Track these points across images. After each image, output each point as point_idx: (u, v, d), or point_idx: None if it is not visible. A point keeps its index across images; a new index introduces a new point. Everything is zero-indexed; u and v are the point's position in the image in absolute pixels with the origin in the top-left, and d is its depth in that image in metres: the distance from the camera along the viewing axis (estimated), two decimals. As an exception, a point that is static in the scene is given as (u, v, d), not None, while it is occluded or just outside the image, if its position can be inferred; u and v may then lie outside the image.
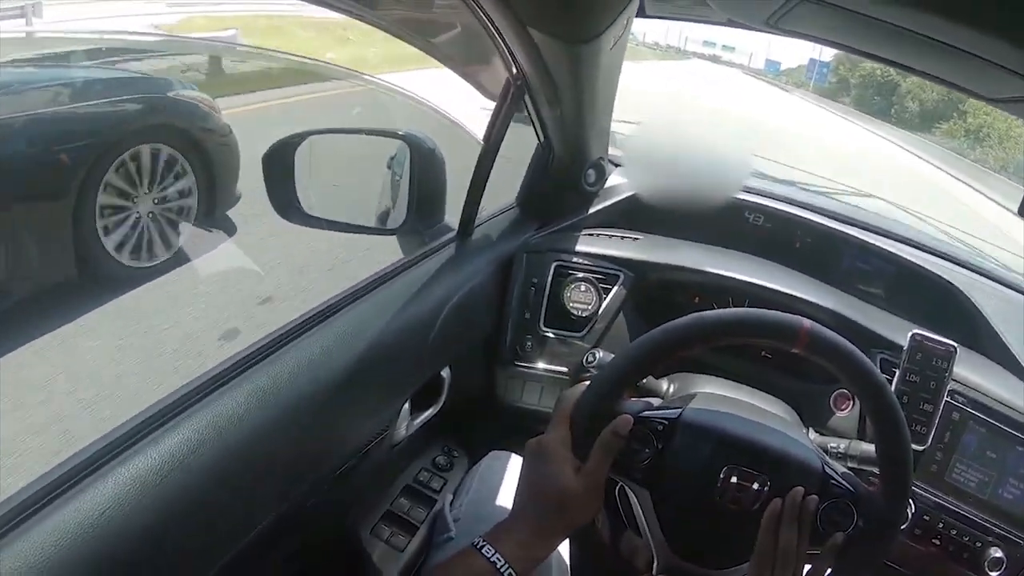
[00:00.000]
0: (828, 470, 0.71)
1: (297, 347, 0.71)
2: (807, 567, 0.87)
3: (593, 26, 0.79)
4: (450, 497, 0.97)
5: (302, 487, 0.72)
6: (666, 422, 0.71)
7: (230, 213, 2.48)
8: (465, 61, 0.98)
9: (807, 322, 0.67)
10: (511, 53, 0.86)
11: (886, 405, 0.68)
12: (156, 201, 2.20)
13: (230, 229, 2.52)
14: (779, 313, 0.69)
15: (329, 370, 0.73)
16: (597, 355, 0.94)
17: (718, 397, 0.89)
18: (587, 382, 0.72)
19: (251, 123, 3.01)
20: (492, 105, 0.95)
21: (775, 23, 0.72)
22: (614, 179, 1.25)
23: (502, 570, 0.64)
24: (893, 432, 0.68)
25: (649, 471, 0.70)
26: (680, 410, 0.73)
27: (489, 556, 0.64)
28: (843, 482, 0.71)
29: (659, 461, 0.70)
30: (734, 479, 0.69)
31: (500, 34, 0.82)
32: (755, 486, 0.69)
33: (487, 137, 0.95)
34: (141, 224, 2.15)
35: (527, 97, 0.94)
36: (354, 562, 0.95)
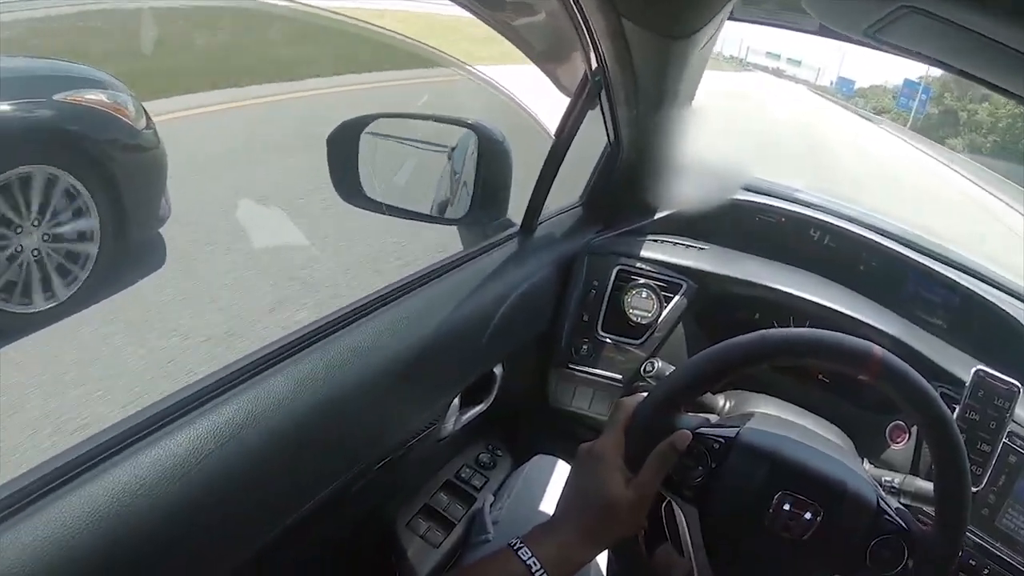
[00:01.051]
0: (882, 504, 0.69)
1: (349, 334, 0.70)
2: None
3: (693, 21, 0.76)
4: (491, 498, 0.95)
5: (344, 475, 0.71)
6: (723, 440, 0.69)
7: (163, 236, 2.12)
8: (545, 50, 0.95)
9: (878, 349, 0.64)
10: (595, 45, 0.83)
11: (950, 442, 0.65)
12: (46, 238, 1.78)
13: (149, 264, 2.10)
14: (850, 337, 0.66)
15: (380, 360, 0.71)
16: (656, 364, 0.92)
17: (775, 419, 0.86)
18: (645, 392, 0.70)
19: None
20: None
21: (874, 34, 0.69)
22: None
23: (537, 574, 0.62)
24: (954, 470, 0.66)
25: (700, 489, 0.68)
26: (738, 429, 0.70)
27: (525, 559, 0.62)
28: (897, 519, 0.68)
29: (711, 480, 0.68)
30: (787, 506, 0.67)
31: (587, 23, 0.80)
32: (808, 515, 0.66)
33: (559, 132, 0.93)
34: (21, 260, 1.75)
35: (603, 93, 0.92)
36: (388, 553, 0.94)
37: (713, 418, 0.77)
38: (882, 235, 1.16)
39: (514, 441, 1.11)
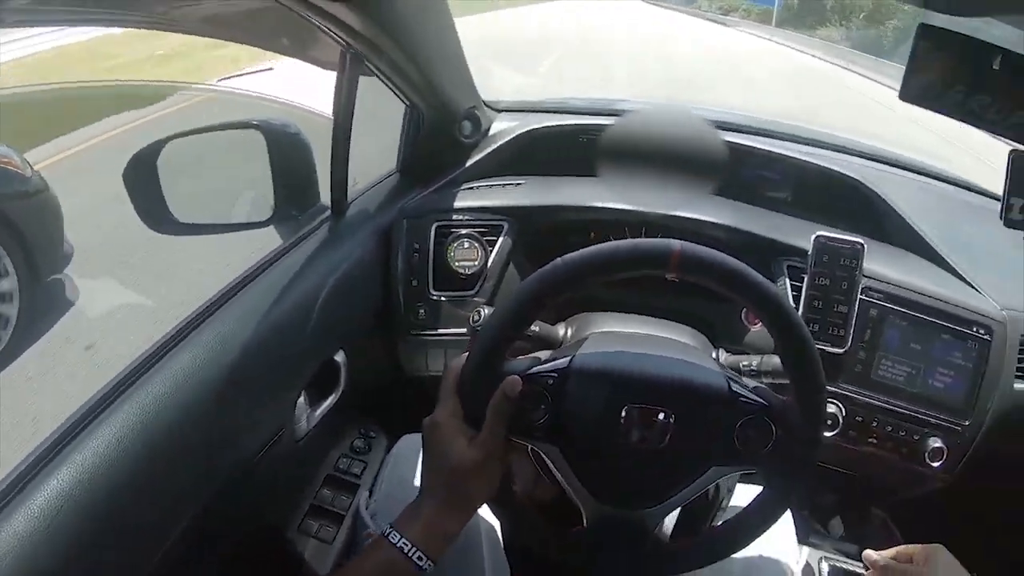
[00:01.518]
0: (736, 388, 0.68)
1: (162, 369, 0.69)
2: (745, 490, 0.85)
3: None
4: (366, 494, 0.95)
5: (201, 501, 0.71)
6: (556, 374, 0.68)
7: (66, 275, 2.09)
8: (298, 44, 0.94)
9: (677, 243, 0.63)
10: (323, 25, 0.81)
11: (772, 304, 0.64)
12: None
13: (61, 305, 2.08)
14: (647, 240, 0.66)
15: (202, 383, 0.70)
16: (483, 312, 0.91)
17: (612, 335, 0.86)
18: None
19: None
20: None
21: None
22: (501, 124, 1.20)
23: (411, 555, 0.62)
24: (788, 333, 0.65)
25: (549, 428, 0.67)
26: (570, 358, 0.69)
27: (396, 542, 0.63)
28: (755, 397, 0.68)
29: (557, 415, 0.67)
30: (637, 418, 0.66)
31: (303, 8, 0.77)
32: (659, 421, 0.66)
33: (336, 112, 0.91)
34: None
35: (370, 65, 0.90)
36: (285, 561, 0.94)
37: (546, 354, 0.76)
38: (720, 128, 1.15)
39: (387, 420, 1.11)
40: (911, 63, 0.59)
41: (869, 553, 0.84)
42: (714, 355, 0.96)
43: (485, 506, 0.69)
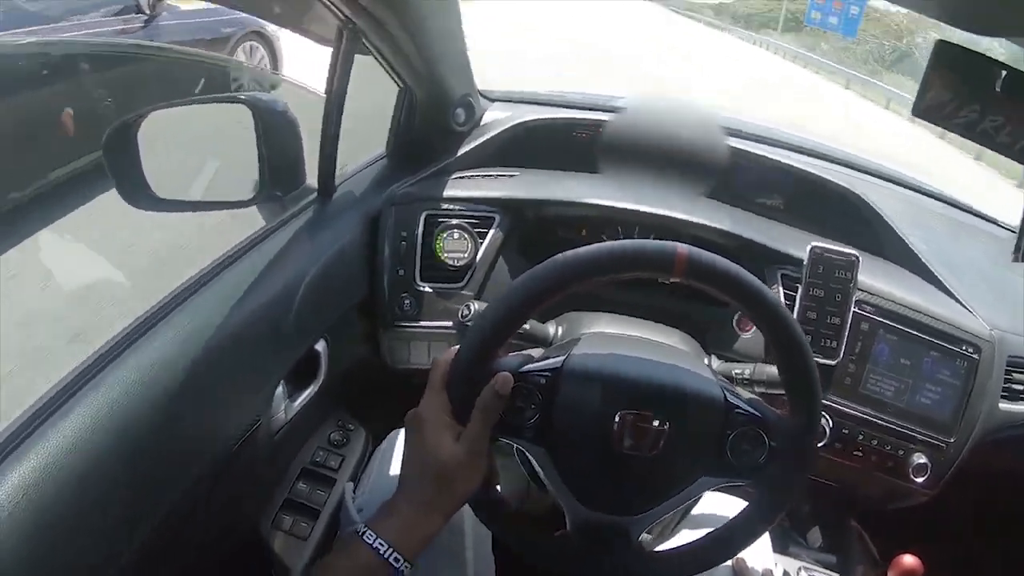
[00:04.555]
0: (731, 399, 0.67)
1: (132, 356, 0.65)
2: (733, 502, 0.83)
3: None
4: (351, 485, 0.92)
5: (181, 485, 0.68)
6: (548, 374, 0.66)
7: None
8: (292, 14, 0.89)
9: (683, 247, 0.61)
10: None
11: (774, 315, 0.63)
12: None
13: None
14: (652, 242, 0.63)
15: (175, 372, 0.67)
16: (472, 307, 0.89)
17: (606, 337, 0.84)
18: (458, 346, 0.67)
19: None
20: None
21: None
22: (494, 114, 1.17)
23: (386, 556, 0.60)
24: (790, 345, 0.64)
25: (539, 428, 0.65)
26: (563, 358, 0.67)
27: (371, 542, 0.60)
28: (748, 409, 0.67)
29: (547, 416, 0.65)
30: (629, 425, 0.64)
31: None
32: (653, 428, 0.64)
33: (328, 90, 0.87)
34: None
35: (368, 43, 0.86)
36: (259, 556, 0.91)
37: (538, 352, 0.73)
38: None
39: (366, 412, 1.08)
40: (926, 78, 0.57)
41: None
42: (706, 361, 0.94)
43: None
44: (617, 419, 0.64)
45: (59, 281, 2.01)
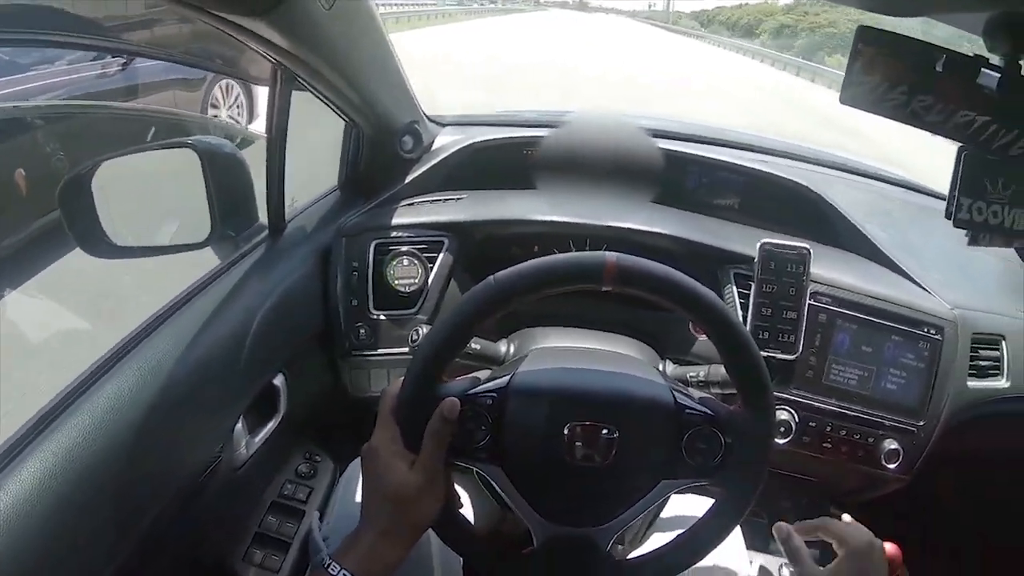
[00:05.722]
0: (680, 400, 0.67)
1: (88, 401, 0.66)
2: (697, 501, 0.82)
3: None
4: (317, 515, 0.92)
5: (139, 532, 0.68)
6: (495, 394, 0.66)
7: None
8: (231, 62, 0.91)
9: (612, 255, 0.62)
10: (247, 43, 0.78)
11: (713, 313, 0.63)
12: None
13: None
14: (581, 253, 0.64)
15: (131, 415, 0.67)
16: (421, 331, 0.89)
17: (554, 351, 0.84)
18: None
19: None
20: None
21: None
22: (445, 139, 1.18)
23: None
24: (731, 341, 0.64)
25: (491, 449, 0.66)
26: (509, 377, 0.68)
27: (336, 573, 0.61)
28: (700, 408, 0.67)
29: (498, 436, 0.65)
30: (579, 437, 0.64)
31: (224, 26, 0.74)
32: (603, 437, 0.64)
33: (268, 128, 0.89)
34: None
35: (302, 82, 0.88)
36: None
37: (485, 373, 0.74)
38: (658, 136, 1.14)
39: (332, 443, 1.08)
40: (851, 66, 0.57)
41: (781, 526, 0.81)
42: (660, 367, 0.94)
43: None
44: (567, 431, 0.64)
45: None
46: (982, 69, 0.56)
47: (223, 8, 0.66)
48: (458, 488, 0.88)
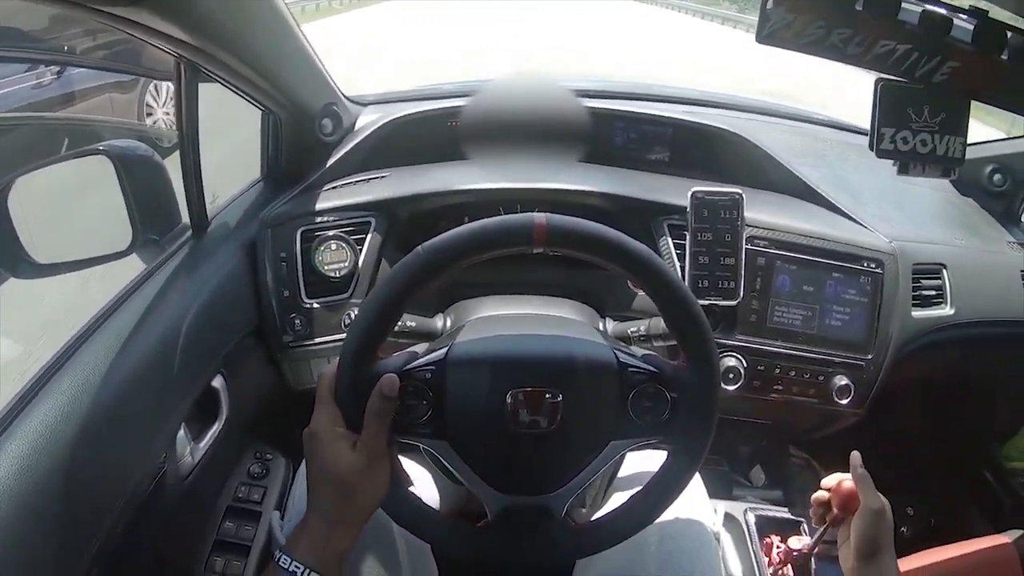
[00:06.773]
0: (623, 359, 0.66)
1: (18, 429, 0.63)
2: (658, 457, 0.82)
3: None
4: (277, 514, 0.91)
5: (88, 551, 0.66)
6: (433, 367, 0.65)
7: None
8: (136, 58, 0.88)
9: (540, 216, 0.60)
10: (137, 35, 0.75)
11: (647, 268, 0.62)
12: None
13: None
14: (509, 216, 0.62)
15: (65, 435, 0.65)
16: (352, 315, 0.88)
17: (491, 320, 0.83)
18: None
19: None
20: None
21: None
22: (367, 118, 1.16)
23: None
24: (666, 292, 0.63)
25: (434, 423, 0.64)
26: (447, 349, 0.66)
27: (287, 567, 0.59)
28: (643, 365, 0.66)
29: (440, 410, 0.64)
30: (522, 403, 0.63)
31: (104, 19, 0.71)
32: (546, 402, 0.63)
33: (178, 124, 0.87)
34: None
35: (208, 73, 0.85)
36: None
37: (423, 347, 0.72)
38: (583, 95, 1.13)
39: (282, 440, 1.06)
40: (764, 3, 0.56)
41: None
42: (601, 326, 0.94)
43: None
44: (509, 399, 0.63)
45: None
46: (903, 5, 0.55)
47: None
48: (420, 467, 0.88)
